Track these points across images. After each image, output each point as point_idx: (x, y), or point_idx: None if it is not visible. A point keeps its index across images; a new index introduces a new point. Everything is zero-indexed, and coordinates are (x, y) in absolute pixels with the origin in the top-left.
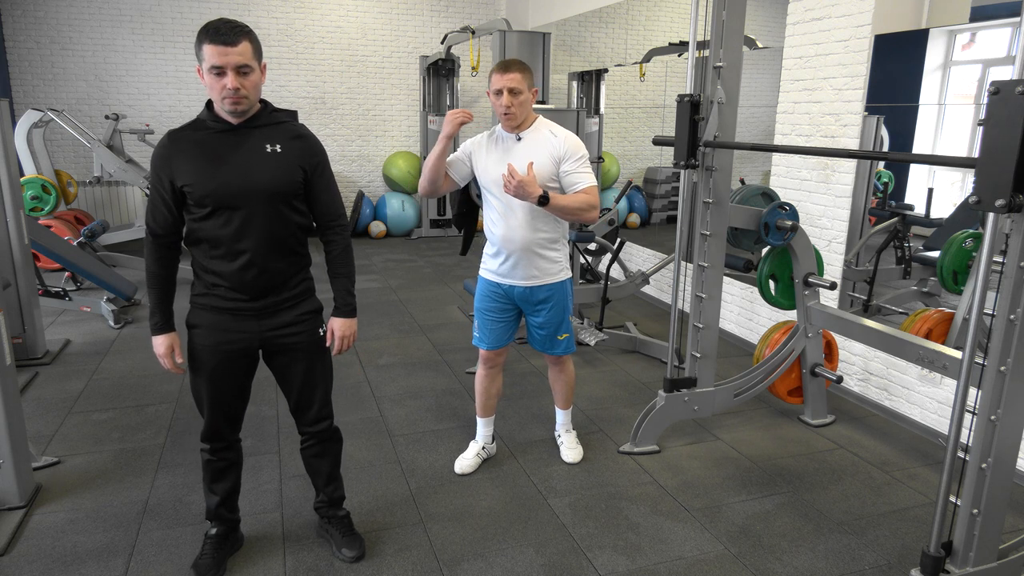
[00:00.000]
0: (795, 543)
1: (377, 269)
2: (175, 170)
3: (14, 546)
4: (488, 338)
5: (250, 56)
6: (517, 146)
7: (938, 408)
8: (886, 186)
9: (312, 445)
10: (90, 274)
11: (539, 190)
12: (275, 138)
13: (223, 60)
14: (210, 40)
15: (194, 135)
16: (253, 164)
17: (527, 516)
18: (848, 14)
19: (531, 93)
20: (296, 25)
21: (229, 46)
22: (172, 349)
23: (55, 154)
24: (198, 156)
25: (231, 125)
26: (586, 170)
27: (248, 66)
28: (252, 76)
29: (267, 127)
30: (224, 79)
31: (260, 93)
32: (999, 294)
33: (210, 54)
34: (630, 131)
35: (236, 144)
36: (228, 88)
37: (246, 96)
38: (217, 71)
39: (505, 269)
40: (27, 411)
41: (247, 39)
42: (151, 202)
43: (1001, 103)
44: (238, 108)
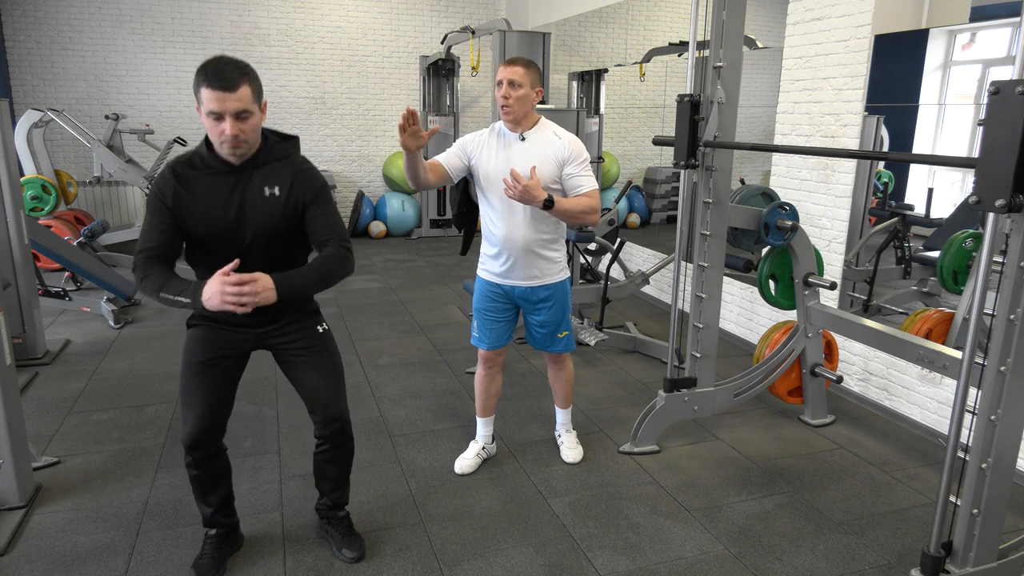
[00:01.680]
0: (795, 543)
1: (377, 269)
2: (176, 206)
3: (14, 546)
4: (488, 338)
5: (249, 100)
6: (520, 146)
7: (938, 408)
8: (886, 186)
9: (327, 450)
10: (90, 274)
11: (544, 194)
12: (274, 178)
13: (221, 106)
14: (208, 84)
15: (195, 174)
16: (253, 209)
17: (527, 516)
18: (848, 14)
19: (534, 92)
20: (296, 25)
21: (228, 91)
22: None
23: (55, 154)
24: (199, 196)
25: (231, 166)
26: (588, 173)
27: (247, 111)
28: (252, 120)
29: (267, 166)
30: (223, 124)
31: (259, 135)
32: (999, 294)
33: (208, 99)
34: (630, 131)
35: (236, 187)
36: (227, 134)
37: (245, 141)
38: (216, 116)
39: (505, 269)
40: (27, 411)
41: (247, 82)
42: (148, 230)
43: (1001, 103)
44: (237, 152)
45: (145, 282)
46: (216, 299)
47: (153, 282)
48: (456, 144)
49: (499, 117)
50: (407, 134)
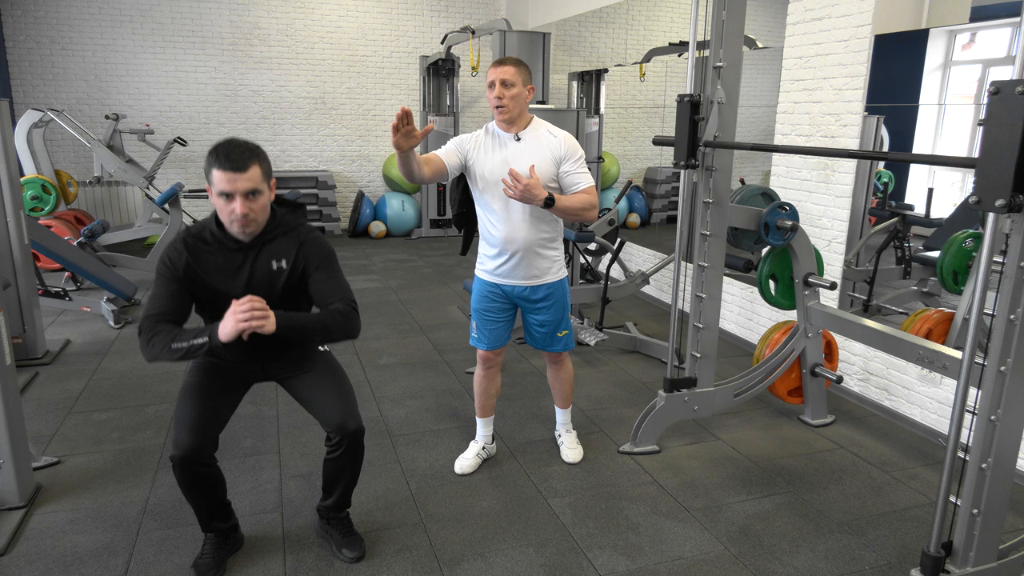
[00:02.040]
0: (795, 543)
1: (377, 269)
2: (187, 277)
3: (14, 546)
4: (487, 338)
5: (259, 180)
6: (517, 146)
7: (938, 408)
8: (886, 186)
9: (339, 455)
10: (90, 274)
11: (544, 192)
12: (282, 251)
13: (232, 186)
14: (219, 166)
15: (206, 248)
16: (260, 283)
17: (527, 516)
18: (848, 14)
19: (527, 90)
20: (296, 25)
21: (238, 172)
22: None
23: (55, 154)
24: (209, 270)
25: (240, 243)
26: (585, 170)
27: (257, 190)
28: (261, 199)
29: (274, 240)
30: (233, 203)
31: (268, 212)
32: (999, 294)
33: (219, 180)
34: (630, 131)
35: (245, 263)
36: (237, 213)
37: (255, 220)
38: (226, 196)
39: (505, 269)
40: (27, 411)
41: (256, 162)
42: (158, 295)
43: (1001, 103)
44: (246, 231)
45: (154, 339)
46: (230, 323)
47: (163, 338)
48: (452, 142)
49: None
50: (401, 134)
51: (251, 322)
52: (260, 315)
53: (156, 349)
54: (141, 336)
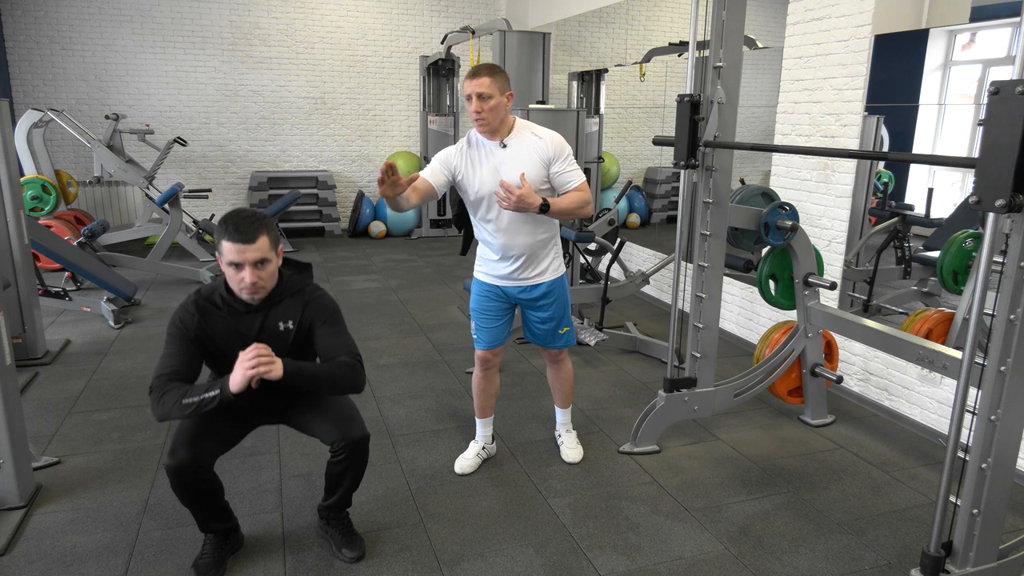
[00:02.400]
0: (795, 543)
1: (377, 269)
2: (199, 338)
3: (14, 546)
4: (486, 337)
5: (267, 249)
6: (504, 154)
7: (938, 408)
8: (886, 186)
9: (343, 459)
10: (90, 274)
11: (538, 199)
12: (289, 313)
13: (241, 257)
14: (229, 238)
15: (217, 311)
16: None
17: (527, 516)
18: (848, 14)
19: (505, 98)
20: (296, 25)
21: (247, 244)
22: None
23: (55, 154)
24: (219, 333)
25: (249, 306)
26: (574, 167)
27: (265, 259)
28: (269, 267)
29: (282, 302)
30: (242, 272)
31: (276, 276)
32: (999, 294)
33: (229, 251)
34: (630, 131)
35: (254, 326)
36: (247, 282)
37: (263, 287)
38: (236, 266)
39: (506, 272)
40: (27, 411)
41: (264, 232)
42: (169, 355)
43: (1001, 103)
44: (255, 298)
45: (165, 397)
46: (238, 372)
47: (173, 395)
48: (437, 160)
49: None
50: (387, 184)
51: (258, 368)
52: (266, 360)
53: (167, 407)
54: (152, 395)
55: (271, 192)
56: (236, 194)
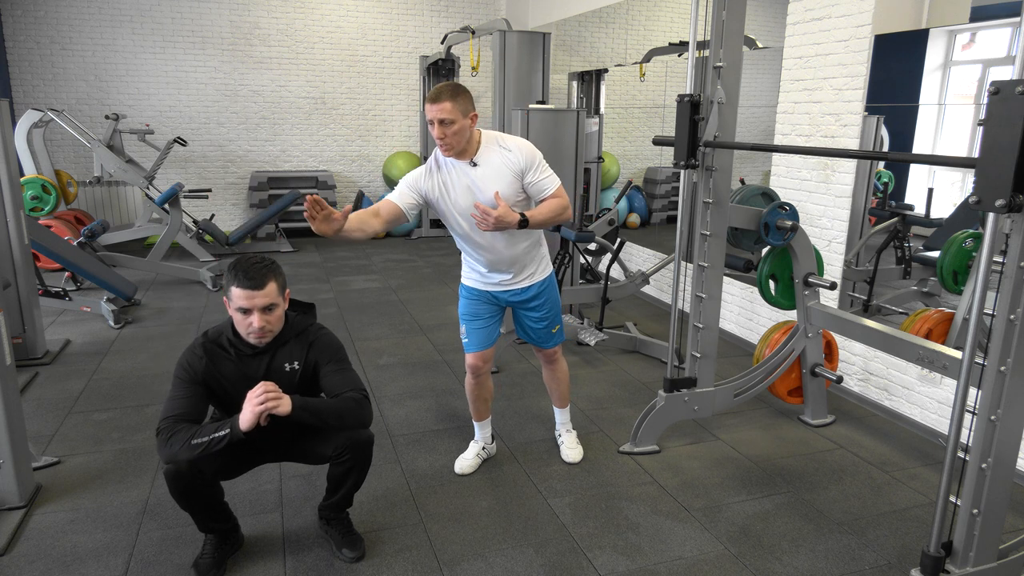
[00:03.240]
0: (795, 543)
1: (377, 269)
2: (208, 380)
3: (14, 546)
4: (476, 339)
5: (275, 295)
6: (476, 172)
7: (938, 408)
8: (886, 186)
9: (346, 460)
10: (90, 274)
11: (516, 216)
12: (294, 354)
13: (250, 303)
14: (238, 284)
15: (224, 355)
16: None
17: (527, 516)
18: (848, 14)
19: (469, 119)
20: (296, 25)
21: (256, 290)
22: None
23: (55, 154)
24: (227, 375)
25: (256, 349)
26: (548, 173)
27: (274, 304)
28: (277, 312)
29: (287, 344)
30: (251, 318)
31: (283, 320)
32: (999, 294)
33: (237, 297)
34: (630, 131)
35: (260, 367)
36: (255, 327)
37: (271, 331)
38: (244, 311)
39: (496, 281)
40: (27, 411)
41: (272, 278)
42: (176, 398)
43: (1001, 103)
44: (262, 341)
45: (173, 439)
46: (247, 410)
47: (181, 436)
48: (404, 183)
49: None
50: (319, 220)
51: (267, 403)
52: (274, 396)
53: (175, 448)
54: (159, 437)
55: (271, 192)
56: (236, 194)
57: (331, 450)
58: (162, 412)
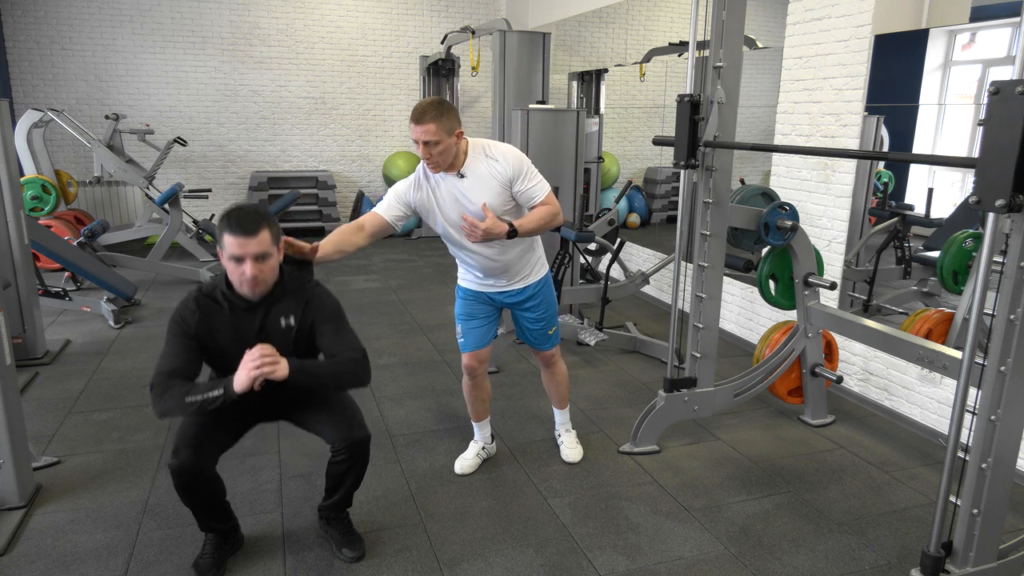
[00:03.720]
0: (795, 543)
1: (377, 269)
2: (201, 333)
3: (14, 546)
4: (471, 339)
5: (268, 244)
6: (463, 184)
7: (938, 408)
8: (886, 186)
9: (342, 461)
10: (90, 274)
11: (504, 227)
12: (290, 309)
13: (242, 251)
14: (231, 231)
15: (218, 308)
16: (271, 340)
17: (527, 516)
18: (848, 14)
19: (455, 138)
20: (296, 25)
21: (249, 237)
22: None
23: (55, 154)
24: (221, 330)
25: (250, 302)
26: (537, 180)
27: (267, 253)
28: (270, 261)
29: (283, 299)
30: (243, 266)
31: (277, 272)
32: (999, 294)
33: (230, 244)
34: (630, 131)
35: (254, 321)
36: (247, 276)
37: (264, 281)
38: (236, 260)
39: (489, 283)
40: (27, 411)
41: (266, 227)
42: (169, 353)
43: (1001, 103)
44: (255, 291)
45: (167, 394)
46: (243, 373)
47: (175, 392)
48: (392, 194)
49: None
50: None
51: (263, 368)
52: (271, 361)
53: (168, 403)
54: (153, 392)
55: (271, 192)
56: (236, 194)
57: (328, 438)
58: (156, 367)
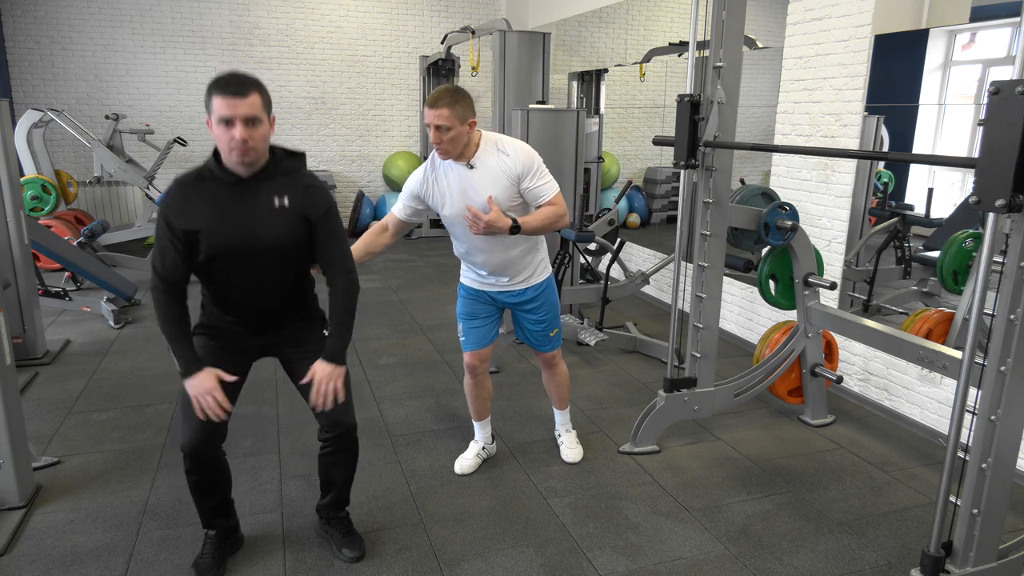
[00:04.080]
0: (795, 543)
1: (377, 269)
2: (184, 219)
3: (14, 546)
4: (473, 338)
5: (259, 108)
6: (471, 175)
7: (938, 408)
8: (886, 186)
9: (330, 453)
10: (90, 274)
11: (507, 222)
12: (283, 190)
13: (232, 112)
14: (220, 92)
15: (202, 185)
16: (261, 220)
17: (527, 516)
18: (848, 14)
19: (467, 126)
20: (296, 25)
21: (238, 97)
22: (216, 380)
23: (55, 154)
24: (207, 208)
25: (239, 177)
26: (546, 180)
27: (257, 118)
28: (261, 128)
29: (276, 179)
30: (233, 130)
31: (268, 145)
32: (999, 294)
33: (219, 106)
34: (630, 131)
35: (244, 197)
36: (236, 139)
37: (254, 148)
38: (226, 122)
39: (491, 281)
40: (27, 411)
41: (257, 91)
42: (159, 249)
43: (1001, 103)
44: (246, 160)
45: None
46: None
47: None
48: (405, 192)
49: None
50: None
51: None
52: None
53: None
54: (152, 294)
55: None
56: None
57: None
58: (151, 258)
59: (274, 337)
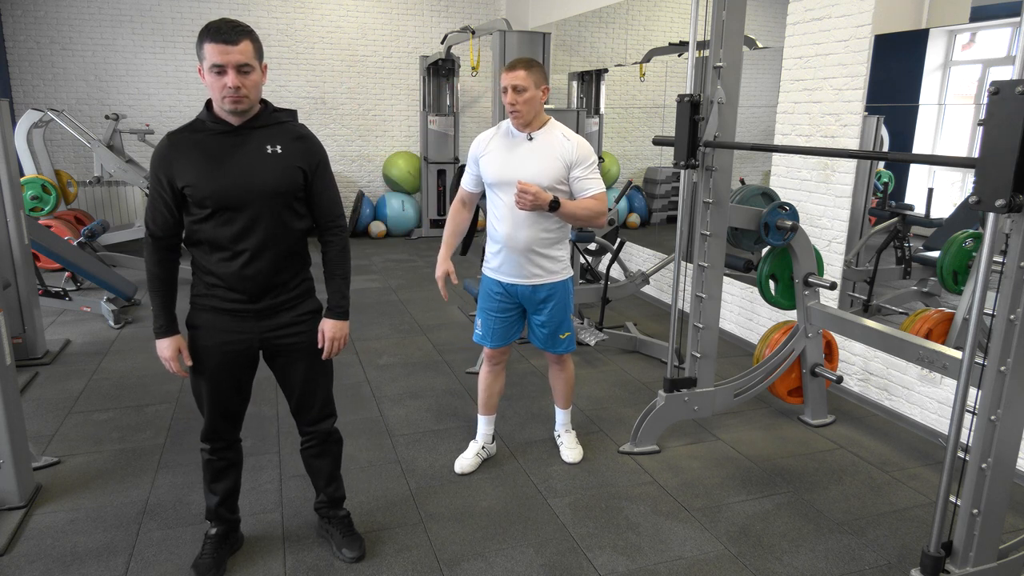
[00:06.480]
0: (795, 543)
1: (377, 269)
2: (175, 171)
3: (14, 546)
4: (490, 336)
5: (251, 55)
6: (528, 145)
7: (938, 408)
8: (886, 186)
9: (312, 446)
10: (90, 274)
11: (549, 196)
12: (276, 139)
13: (224, 58)
14: (211, 39)
15: (193, 136)
16: (254, 166)
17: (527, 516)
18: (848, 14)
19: (540, 91)
20: (296, 25)
21: (230, 44)
22: (178, 351)
23: (55, 154)
24: (198, 158)
25: (231, 126)
26: (596, 176)
27: (249, 65)
28: (253, 75)
29: (268, 128)
30: (225, 77)
31: (260, 94)
32: (999, 294)
33: (211, 52)
34: (630, 131)
35: (236, 145)
36: (228, 87)
37: (246, 95)
38: (218, 69)
39: (506, 268)
40: (27, 411)
41: (248, 38)
42: (151, 204)
43: (1001, 103)
44: (238, 107)
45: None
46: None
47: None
48: (470, 161)
49: (504, 116)
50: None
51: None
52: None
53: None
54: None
55: None
56: None
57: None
58: (145, 212)
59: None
